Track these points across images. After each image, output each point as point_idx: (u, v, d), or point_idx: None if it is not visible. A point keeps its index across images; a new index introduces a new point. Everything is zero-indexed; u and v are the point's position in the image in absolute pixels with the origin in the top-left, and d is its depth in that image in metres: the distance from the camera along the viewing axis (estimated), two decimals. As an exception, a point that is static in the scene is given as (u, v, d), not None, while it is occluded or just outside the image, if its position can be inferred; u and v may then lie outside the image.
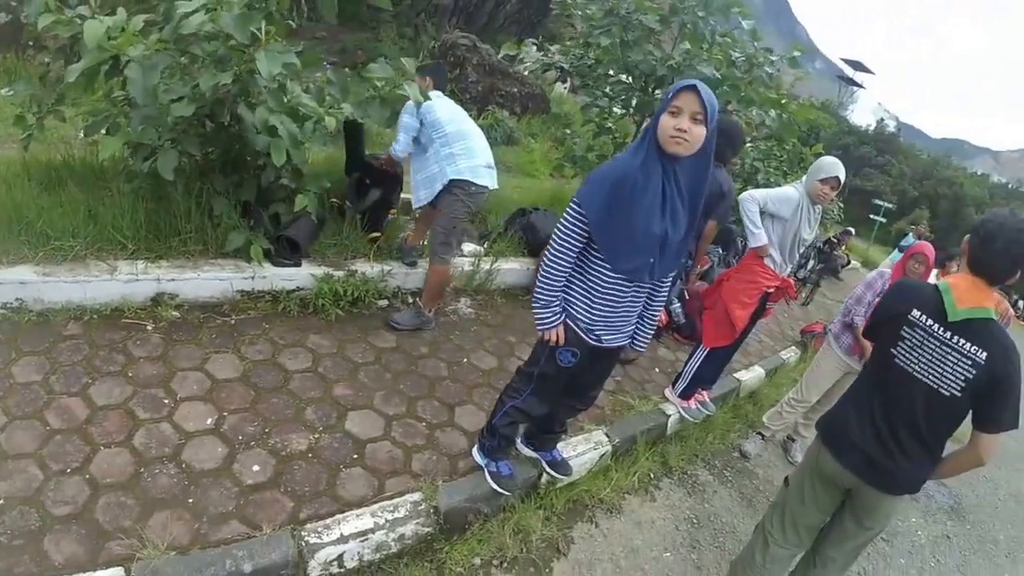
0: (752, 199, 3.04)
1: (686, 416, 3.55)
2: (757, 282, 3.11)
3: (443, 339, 3.44)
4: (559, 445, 2.72)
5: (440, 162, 3.20)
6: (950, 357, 1.86)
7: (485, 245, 4.48)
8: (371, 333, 3.28)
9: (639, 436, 3.18)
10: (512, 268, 4.29)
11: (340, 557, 2.05)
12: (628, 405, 3.45)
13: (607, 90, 4.94)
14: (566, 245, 1.91)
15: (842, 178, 2.97)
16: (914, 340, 1.93)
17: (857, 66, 59.81)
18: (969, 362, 1.84)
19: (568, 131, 7.26)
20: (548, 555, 2.45)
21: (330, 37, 14.30)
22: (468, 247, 4.38)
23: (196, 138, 2.96)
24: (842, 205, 12.93)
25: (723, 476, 3.51)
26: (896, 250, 10.27)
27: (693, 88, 1.71)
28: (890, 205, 20.02)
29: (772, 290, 3.20)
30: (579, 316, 2.02)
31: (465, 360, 3.33)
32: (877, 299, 3.07)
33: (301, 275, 3.28)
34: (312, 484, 2.25)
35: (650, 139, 1.80)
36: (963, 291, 1.87)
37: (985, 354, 1.82)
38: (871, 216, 19.06)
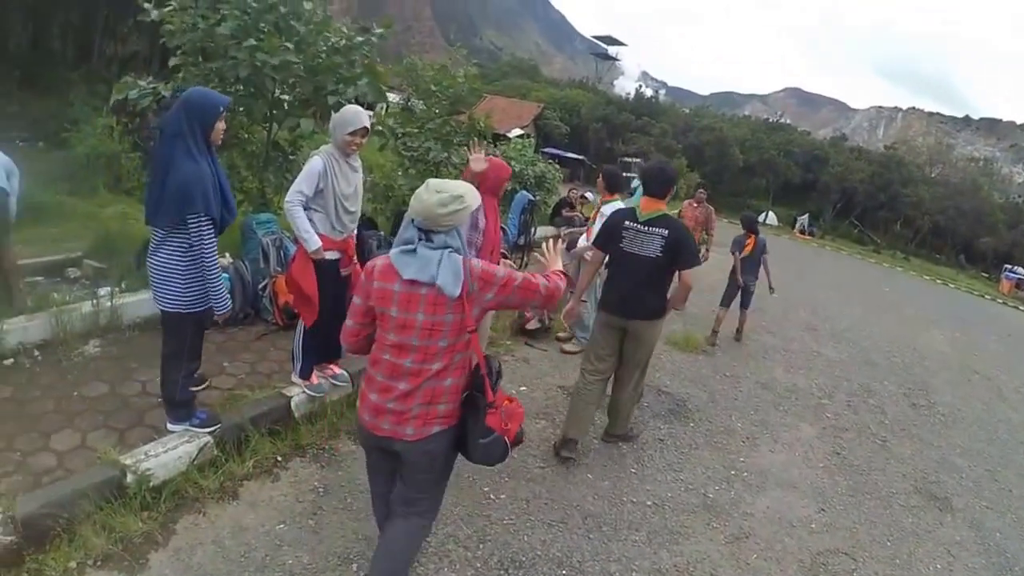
0: (292, 202, 3.07)
1: (313, 393, 3.49)
2: (308, 258, 3.19)
3: (59, 380, 3.46)
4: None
5: None
6: (648, 238, 3.43)
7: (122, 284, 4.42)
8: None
9: (247, 423, 3.14)
10: (144, 299, 4.08)
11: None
12: (242, 396, 3.42)
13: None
14: None
15: (367, 125, 3.10)
16: (629, 235, 3.49)
17: (609, 40, 64.52)
18: (659, 238, 3.40)
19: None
20: (145, 548, 2.49)
21: (21, 110, 12.58)
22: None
23: None
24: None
25: (372, 443, 3.47)
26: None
27: None
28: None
29: (338, 256, 3.32)
30: None
31: (75, 393, 3.36)
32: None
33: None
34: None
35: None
36: (643, 206, 3.49)
37: (666, 231, 3.40)
38: (625, 175, 21.24)
